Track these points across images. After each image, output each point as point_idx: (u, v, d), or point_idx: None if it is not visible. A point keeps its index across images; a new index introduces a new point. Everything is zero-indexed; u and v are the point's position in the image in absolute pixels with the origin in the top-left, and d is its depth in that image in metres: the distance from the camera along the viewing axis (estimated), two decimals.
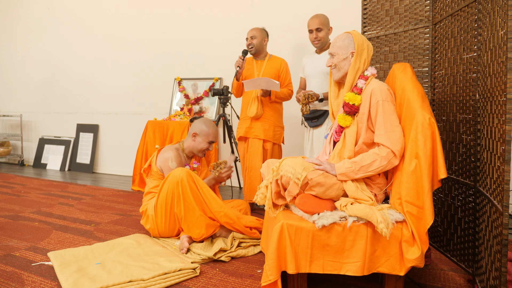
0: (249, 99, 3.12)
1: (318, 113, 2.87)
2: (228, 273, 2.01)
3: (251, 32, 3.14)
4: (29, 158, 6.10)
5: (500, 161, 1.48)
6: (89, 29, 5.44)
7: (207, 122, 2.66)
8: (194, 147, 2.65)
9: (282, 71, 3.15)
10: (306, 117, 2.92)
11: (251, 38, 3.12)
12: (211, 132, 2.64)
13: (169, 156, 2.56)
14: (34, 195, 3.81)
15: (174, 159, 2.55)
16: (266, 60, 3.18)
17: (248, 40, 3.14)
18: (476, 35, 1.80)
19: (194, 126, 2.67)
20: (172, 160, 2.55)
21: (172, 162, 2.54)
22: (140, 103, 5.11)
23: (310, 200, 1.73)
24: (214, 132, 2.66)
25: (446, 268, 2.09)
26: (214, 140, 2.67)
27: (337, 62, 1.94)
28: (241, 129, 3.17)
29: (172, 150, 2.60)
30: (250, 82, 2.96)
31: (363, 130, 1.83)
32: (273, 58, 3.20)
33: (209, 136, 2.63)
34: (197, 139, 2.64)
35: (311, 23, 2.86)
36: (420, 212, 1.62)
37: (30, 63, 6.01)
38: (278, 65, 3.15)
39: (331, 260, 1.67)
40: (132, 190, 4.16)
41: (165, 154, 2.58)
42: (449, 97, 2.07)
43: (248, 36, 3.14)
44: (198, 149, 2.65)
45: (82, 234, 2.62)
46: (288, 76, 3.18)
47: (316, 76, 2.91)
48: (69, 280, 1.83)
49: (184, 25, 4.74)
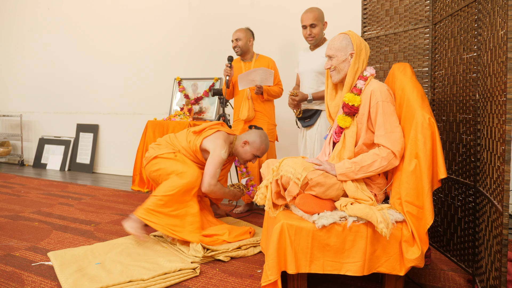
0: (241, 101, 3.13)
1: (310, 112, 2.79)
2: (228, 273, 2.01)
3: (235, 34, 3.14)
4: (29, 158, 6.10)
5: (500, 161, 1.48)
6: (89, 29, 5.44)
7: (262, 137, 2.64)
8: (239, 154, 2.65)
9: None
10: (298, 118, 2.86)
11: (236, 41, 3.12)
12: (262, 149, 2.63)
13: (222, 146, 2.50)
14: (34, 195, 3.81)
15: (226, 153, 2.51)
16: (254, 60, 3.18)
17: (233, 42, 3.15)
18: (476, 35, 1.80)
19: (249, 135, 2.65)
20: (226, 151, 2.50)
21: (225, 153, 2.50)
22: (140, 103, 5.11)
23: (310, 200, 1.73)
24: (265, 149, 2.65)
25: (446, 268, 2.09)
26: (260, 156, 2.68)
27: (336, 64, 1.92)
28: (236, 131, 3.18)
29: (226, 143, 2.55)
30: (244, 77, 2.94)
31: (363, 130, 1.82)
32: (260, 58, 3.21)
33: (258, 150, 2.63)
34: (246, 148, 2.62)
35: (305, 18, 2.71)
36: (420, 212, 1.62)
37: (30, 63, 6.01)
38: (266, 65, 3.14)
39: (331, 260, 1.67)
40: (132, 190, 4.16)
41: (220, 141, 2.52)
42: (449, 97, 2.07)
43: (233, 39, 3.14)
44: (242, 157, 2.66)
45: (82, 234, 2.62)
46: (277, 75, 3.17)
47: (308, 74, 2.80)
48: (69, 280, 1.83)
49: (184, 24, 4.74)
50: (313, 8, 2.74)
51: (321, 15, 2.73)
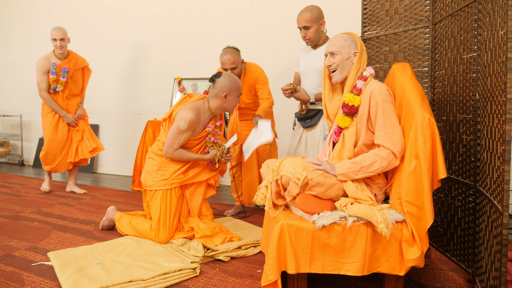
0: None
1: (312, 112, 2.71)
2: (228, 273, 2.01)
3: (230, 63, 2.84)
4: (29, 158, 6.10)
5: (500, 161, 1.48)
6: (89, 29, 5.44)
7: (231, 77, 2.51)
8: (226, 107, 2.52)
9: (258, 83, 2.99)
10: (299, 118, 2.78)
11: (232, 70, 2.85)
12: (239, 85, 2.54)
13: (185, 117, 2.41)
14: (34, 195, 3.81)
15: (188, 123, 2.42)
16: (243, 76, 3.00)
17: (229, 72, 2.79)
18: (476, 35, 1.80)
19: (223, 87, 2.47)
20: (186, 121, 2.42)
21: (184, 124, 2.42)
22: (140, 103, 5.11)
23: (310, 200, 1.73)
24: (240, 85, 2.55)
25: (446, 268, 2.09)
26: (241, 92, 2.59)
27: (340, 61, 1.88)
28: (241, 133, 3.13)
29: (192, 111, 2.44)
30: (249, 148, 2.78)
31: (363, 131, 1.82)
32: (248, 72, 3.01)
33: (238, 90, 2.53)
34: (229, 98, 2.50)
35: (298, 20, 2.61)
36: (420, 212, 1.62)
37: (31, 63, 6.00)
38: (252, 80, 2.99)
39: (331, 260, 1.67)
40: (132, 190, 4.16)
41: (184, 113, 2.43)
42: (449, 97, 2.07)
43: (227, 67, 2.85)
44: (231, 107, 2.54)
45: (82, 234, 2.62)
46: (266, 87, 2.99)
47: (310, 74, 2.71)
48: (69, 280, 1.83)
49: (184, 24, 4.74)
50: (308, 8, 2.62)
51: (316, 16, 2.59)
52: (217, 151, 2.53)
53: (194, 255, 2.16)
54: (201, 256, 2.14)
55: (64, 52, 3.78)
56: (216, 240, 2.33)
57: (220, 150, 2.55)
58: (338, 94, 2.02)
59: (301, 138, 2.79)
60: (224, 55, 2.86)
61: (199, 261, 2.13)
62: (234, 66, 2.86)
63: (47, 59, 3.77)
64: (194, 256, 2.16)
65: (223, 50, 2.92)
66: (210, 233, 2.38)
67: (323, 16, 2.65)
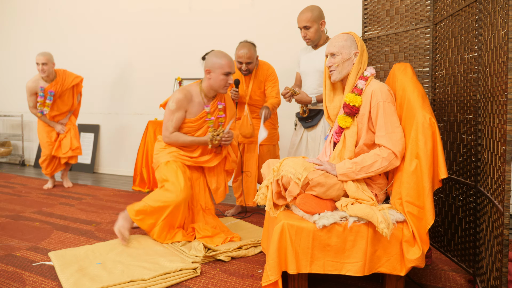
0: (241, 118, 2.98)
1: (313, 113, 2.70)
2: (229, 273, 2.01)
3: (246, 57, 2.80)
4: (30, 158, 6.10)
5: (501, 161, 1.48)
6: (90, 29, 5.45)
7: (217, 54, 2.43)
8: (212, 85, 2.44)
9: (269, 81, 2.97)
10: (300, 118, 2.76)
11: (247, 64, 2.83)
12: (225, 63, 2.39)
13: (173, 97, 2.38)
14: (35, 195, 3.82)
15: (176, 102, 2.40)
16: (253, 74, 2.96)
17: (243, 66, 2.84)
18: (477, 35, 1.80)
19: (206, 63, 2.44)
20: (173, 101, 2.40)
21: (172, 103, 2.39)
22: (140, 103, 5.11)
23: (311, 200, 1.73)
24: (228, 61, 2.41)
25: (447, 268, 2.09)
26: (230, 71, 2.42)
27: (340, 62, 1.89)
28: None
29: (182, 92, 2.41)
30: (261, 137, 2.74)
31: (364, 131, 1.82)
32: (259, 69, 2.98)
33: (223, 67, 2.39)
34: (212, 75, 2.41)
35: (298, 20, 2.60)
36: (421, 212, 1.62)
37: (31, 63, 6.00)
38: (263, 77, 2.97)
39: (332, 260, 1.67)
40: (133, 190, 4.16)
41: (173, 95, 2.41)
42: (449, 97, 2.07)
43: (243, 61, 2.81)
44: (217, 86, 2.43)
45: (83, 234, 2.62)
46: (276, 86, 2.98)
47: (312, 74, 2.69)
48: (70, 280, 1.84)
49: (185, 24, 4.74)
50: (308, 8, 2.61)
51: (316, 16, 2.58)
52: (213, 133, 2.48)
53: (195, 255, 2.17)
54: (202, 256, 2.14)
55: (50, 75, 3.86)
56: (217, 240, 2.34)
57: (216, 132, 2.49)
58: (339, 94, 2.02)
59: (302, 138, 2.79)
60: (241, 49, 2.83)
61: (200, 261, 2.13)
62: (250, 61, 2.83)
63: (35, 82, 3.88)
64: (195, 256, 2.16)
65: (240, 43, 2.89)
66: (211, 233, 2.38)
67: (324, 16, 2.65)
